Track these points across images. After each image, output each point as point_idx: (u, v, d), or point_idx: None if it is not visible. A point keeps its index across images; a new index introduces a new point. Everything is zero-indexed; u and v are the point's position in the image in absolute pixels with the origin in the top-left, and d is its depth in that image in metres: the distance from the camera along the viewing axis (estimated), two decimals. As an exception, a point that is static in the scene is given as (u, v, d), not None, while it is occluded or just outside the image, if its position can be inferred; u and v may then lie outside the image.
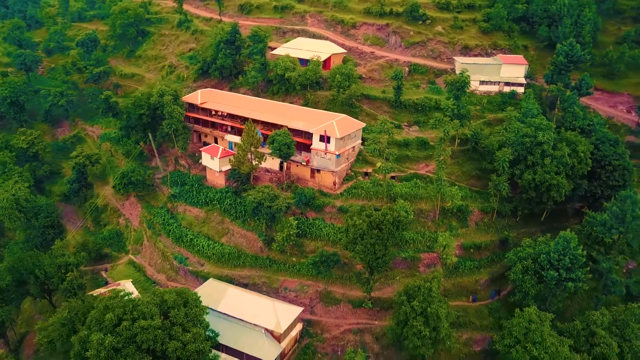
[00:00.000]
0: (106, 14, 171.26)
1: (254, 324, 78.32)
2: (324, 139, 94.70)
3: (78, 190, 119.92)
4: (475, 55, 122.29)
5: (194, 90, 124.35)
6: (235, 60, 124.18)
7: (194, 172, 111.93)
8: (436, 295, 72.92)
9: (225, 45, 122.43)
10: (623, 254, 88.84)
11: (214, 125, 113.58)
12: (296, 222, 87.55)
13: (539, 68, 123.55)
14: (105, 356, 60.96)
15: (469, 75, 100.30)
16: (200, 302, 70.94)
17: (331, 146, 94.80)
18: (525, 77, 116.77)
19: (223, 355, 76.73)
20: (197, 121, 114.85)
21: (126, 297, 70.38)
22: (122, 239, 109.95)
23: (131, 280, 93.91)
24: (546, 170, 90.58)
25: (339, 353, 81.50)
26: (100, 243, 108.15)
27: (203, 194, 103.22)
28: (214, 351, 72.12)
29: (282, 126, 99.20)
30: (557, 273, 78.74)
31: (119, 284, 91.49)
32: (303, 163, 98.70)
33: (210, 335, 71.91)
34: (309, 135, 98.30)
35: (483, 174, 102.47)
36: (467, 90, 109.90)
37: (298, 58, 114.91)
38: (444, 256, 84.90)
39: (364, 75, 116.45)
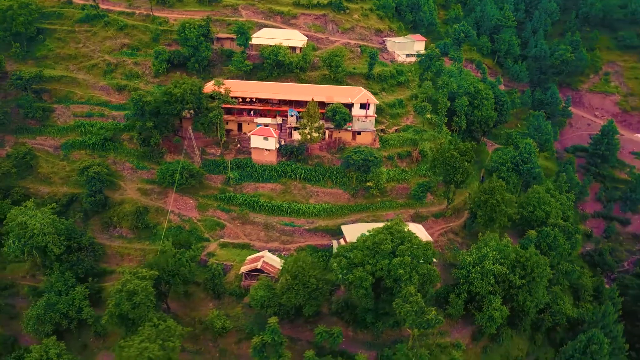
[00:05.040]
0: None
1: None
2: (365, 106, 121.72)
3: (100, 201, 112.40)
4: (385, 37, 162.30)
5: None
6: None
7: (228, 157, 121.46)
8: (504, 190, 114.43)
9: (203, 38, 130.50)
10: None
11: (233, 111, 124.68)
12: (385, 169, 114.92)
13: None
14: (410, 270, 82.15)
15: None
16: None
17: (370, 111, 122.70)
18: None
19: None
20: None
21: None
22: (187, 231, 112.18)
23: (266, 251, 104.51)
24: (486, 108, 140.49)
25: (440, 250, 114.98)
26: (184, 237, 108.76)
27: (273, 170, 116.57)
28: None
29: (321, 103, 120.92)
30: (527, 165, 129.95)
31: (263, 256, 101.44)
32: (348, 129, 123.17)
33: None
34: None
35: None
36: (400, 62, 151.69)
37: (289, 47, 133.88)
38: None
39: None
